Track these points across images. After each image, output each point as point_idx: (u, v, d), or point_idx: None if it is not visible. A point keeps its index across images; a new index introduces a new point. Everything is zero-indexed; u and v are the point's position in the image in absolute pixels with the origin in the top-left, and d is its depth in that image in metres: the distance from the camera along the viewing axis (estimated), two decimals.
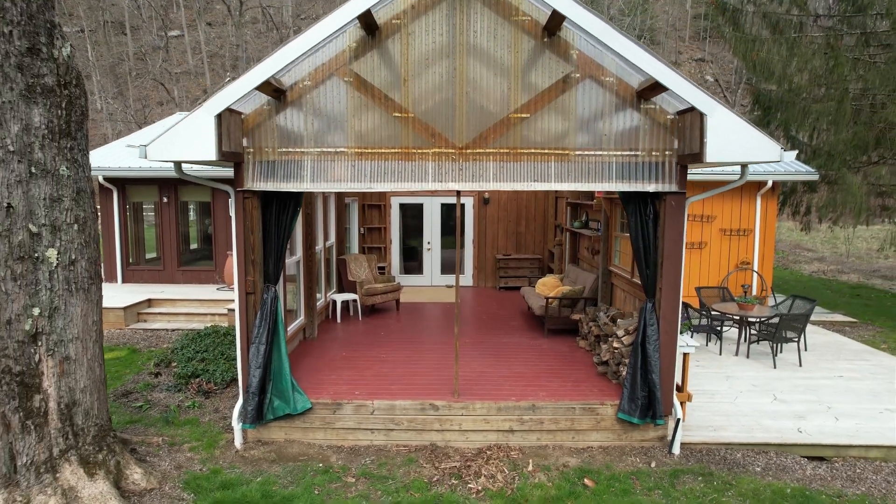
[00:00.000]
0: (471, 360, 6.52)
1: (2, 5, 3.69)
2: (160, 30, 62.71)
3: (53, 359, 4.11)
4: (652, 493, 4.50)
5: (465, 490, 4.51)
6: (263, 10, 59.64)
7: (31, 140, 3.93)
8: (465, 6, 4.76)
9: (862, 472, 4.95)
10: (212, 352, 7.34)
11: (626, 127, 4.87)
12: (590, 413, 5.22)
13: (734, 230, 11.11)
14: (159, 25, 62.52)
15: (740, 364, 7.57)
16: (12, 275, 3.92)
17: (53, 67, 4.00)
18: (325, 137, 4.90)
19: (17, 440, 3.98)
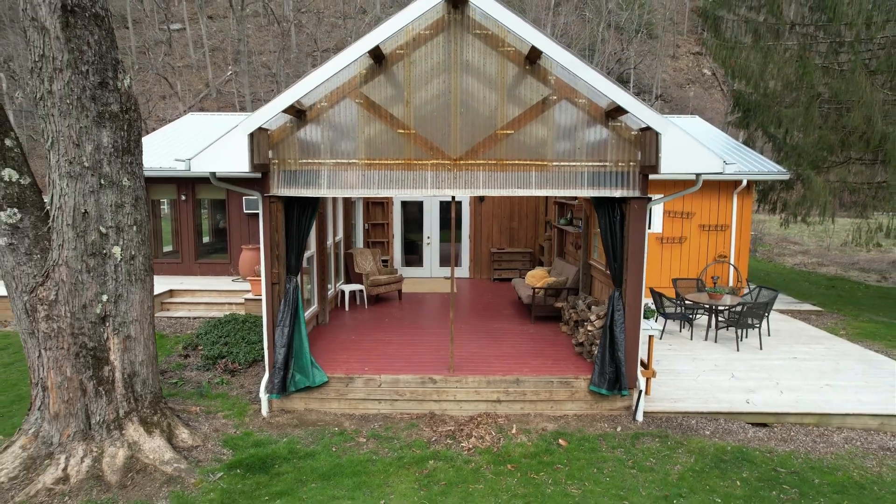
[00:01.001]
0: (465, 342, 7.39)
1: (80, 49, 4.53)
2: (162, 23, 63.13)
3: (118, 337, 4.98)
4: (615, 451, 5.38)
5: (458, 448, 5.40)
6: (265, 5, 60.06)
7: (101, 157, 4.77)
8: (458, 39, 5.58)
9: (795, 434, 5.84)
10: (233, 336, 8.22)
11: (597, 141, 5.71)
12: (566, 386, 6.10)
13: (712, 226, 11.97)
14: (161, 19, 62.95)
15: (708, 348, 8.45)
16: (87, 267, 4.78)
17: (118, 97, 4.83)
18: (339, 150, 5.74)
19: (91, 402, 4.86)
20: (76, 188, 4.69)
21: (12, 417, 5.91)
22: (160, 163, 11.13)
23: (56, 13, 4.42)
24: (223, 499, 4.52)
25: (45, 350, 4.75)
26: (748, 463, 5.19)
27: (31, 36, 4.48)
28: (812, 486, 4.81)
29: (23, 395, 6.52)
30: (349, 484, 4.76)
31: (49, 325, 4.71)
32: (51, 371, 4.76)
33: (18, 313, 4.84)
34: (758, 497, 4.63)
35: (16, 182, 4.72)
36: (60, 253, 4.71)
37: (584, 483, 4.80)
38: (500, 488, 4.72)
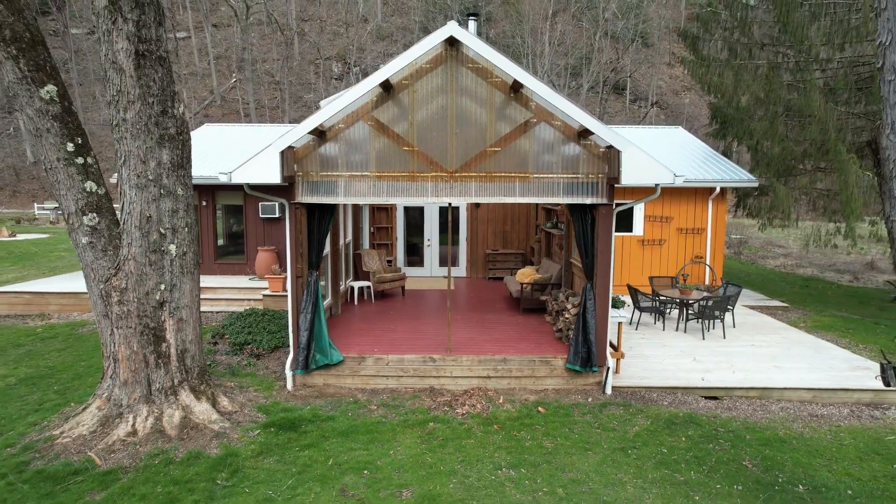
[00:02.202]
0: (461, 329, 8.46)
1: (148, 85, 5.61)
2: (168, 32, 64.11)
3: (173, 319, 6.05)
4: (585, 416, 6.44)
5: (453, 413, 6.46)
6: (268, 14, 61.26)
7: (161, 171, 5.85)
8: (454, 71, 6.67)
9: (739, 405, 6.89)
10: (256, 327, 9.29)
11: (571, 157, 6.79)
12: (546, 364, 7.17)
13: (689, 229, 13.06)
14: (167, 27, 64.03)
15: (677, 337, 9.50)
16: (149, 262, 5.85)
17: (175, 122, 5.92)
18: (353, 164, 6.82)
19: (152, 372, 5.92)
20: (142, 197, 5.77)
21: (76, 390, 6.98)
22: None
23: (131, 57, 5.51)
24: (262, 449, 5.57)
25: (117, 329, 5.82)
26: (695, 425, 6.25)
27: (111, 75, 5.57)
28: (743, 441, 5.87)
29: (80, 374, 7.59)
30: (364, 439, 5.82)
31: (120, 308, 5.78)
32: (121, 346, 5.83)
33: (95, 299, 5.91)
34: (697, 448, 5.69)
35: (95, 192, 5.81)
36: (129, 250, 5.79)
37: (557, 438, 5.86)
38: (487, 442, 5.78)
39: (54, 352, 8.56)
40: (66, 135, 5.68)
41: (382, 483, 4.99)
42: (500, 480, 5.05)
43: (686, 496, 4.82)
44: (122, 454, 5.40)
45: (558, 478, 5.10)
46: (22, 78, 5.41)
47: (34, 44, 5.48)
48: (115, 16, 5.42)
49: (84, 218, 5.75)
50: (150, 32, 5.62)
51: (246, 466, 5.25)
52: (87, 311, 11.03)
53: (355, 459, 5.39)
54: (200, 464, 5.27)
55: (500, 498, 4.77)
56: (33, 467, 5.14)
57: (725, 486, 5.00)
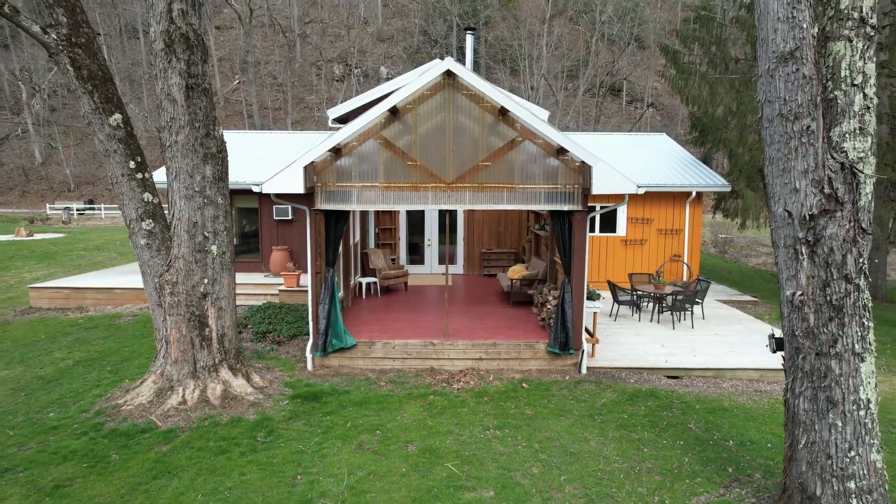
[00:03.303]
0: (457, 319, 9.60)
1: (195, 112, 6.75)
2: None
3: (214, 308, 7.20)
4: (561, 391, 7.58)
5: (450, 389, 7.61)
6: (271, 16, 62.29)
7: (204, 184, 6.99)
8: (451, 97, 7.80)
9: (695, 382, 8.04)
10: (275, 318, 10.44)
11: (550, 170, 7.93)
12: (530, 348, 8.31)
13: (668, 230, 14.21)
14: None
15: (651, 327, 10.65)
16: (195, 260, 6.99)
17: (215, 142, 7.06)
18: (364, 176, 7.95)
19: (197, 353, 7.07)
20: (189, 205, 6.91)
21: (127, 370, 8.12)
22: None
23: (182, 90, 6.65)
24: (291, 415, 6.72)
25: (169, 316, 6.97)
26: (654, 397, 7.40)
27: (165, 105, 6.71)
28: (693, 410, 7.02)
29: (126, 357, 8.74)
30: (375, 408, 6.96)
31: (171, 298, 6.93)
32: (172, 330, 6.98)
33: (150, 291, 7.06)
34: (653, 415, 6.84)
35: (150, 202, 6.95)
36: (179, 250, 6.94)
37: (536, 407, 7.01)
38: (478, 410, 6.93)
39: (99, 339, 9.70)
40: (129, 154, 6.82)
41: (392, 440, 6.14)
42: (488, 438, 6.21)
43: (637, 448, 5.98)
44: (177, 418, 6.55)
45: (535, 436, 6.25)
46: (95, 109, 6.55)
47: (105, 80, 6.62)
48: (170, 56, 6.56)
49: (142, 223, 6.89)
50: (198, 69, 6.76)
51: (279, 428, 6.40)
52: (119, 304, 12.18)
53: (369, 423, 6.54)
54: (241, 426, 6.42)
55: (487, 450, 5.92)
56: (108, 427, 6.29)
57: (671, 441, 6.15)
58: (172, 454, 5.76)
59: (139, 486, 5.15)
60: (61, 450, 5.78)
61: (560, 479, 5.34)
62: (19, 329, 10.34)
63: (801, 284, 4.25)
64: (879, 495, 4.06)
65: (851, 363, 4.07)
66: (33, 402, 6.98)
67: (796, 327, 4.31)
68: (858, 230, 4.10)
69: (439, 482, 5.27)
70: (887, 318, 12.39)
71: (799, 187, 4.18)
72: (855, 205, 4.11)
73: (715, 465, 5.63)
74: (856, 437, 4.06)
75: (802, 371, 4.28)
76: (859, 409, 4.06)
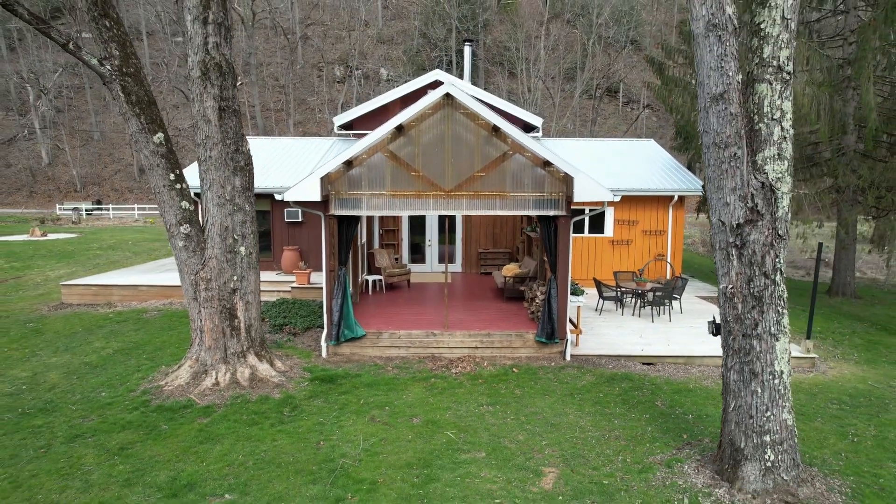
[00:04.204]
0: (456, 312, 10.62)
1: (226, 131, 7.76)
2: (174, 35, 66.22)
3: (242, 302, 8.21)
4: (547, 375, 8.61)
5: (449, 373, 8.63)
6: (273, 19, 63.18)
7: (234, 193, 8.00)
8: (450, 115, 8.81)
9: (667, 368, 9.07)
10: (290, 312, 11.46)
11: (538, 180, 8.94)
12: (520, 338, 9.34)
13: (653, 231, 15.23)
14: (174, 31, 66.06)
15: (632, 321, 11.67)
16: (226, 260, 8.00)
17: (244, 157, 8.07)
18: (373, 185, 8.96)
19: (228, 341, 8.09)
20: (221, 212, 7.93)
21: (161, 358, 9.14)
22: None
23: (215, 112, 7.66)
24: (311, 394, 7.74)
25: (203, 308, 7.99)
26: (628, 380, 8.43)
27: (201, 124, 7.72)
28: (661, 390, 8.05)
29: (159, 347, 9.75)
30: (384, 388, 7.99)
31: (206, 293, 7.94)
32: (206, 321, 8.00)
33: (186, 286, 8.07)
34: (626, 394, 7.86)
35: (187, 209, 7.97)
36: (212, 251, 7.95)
37: (524, 388, 8.04)
38: (473, 391, 7.95)
39: (131, 331, 10.72)
40: (169, 168, 7.84)
41: (399, 414, 7.16)
42: (481, 412, 7.23)
43: (609, 420, 7.01)
44: (212, 397, 7.57)
45: (522, 411, 7.27)
46: (142, 129, 7.56)
47: (150, 104, 7.64)
48: (205, 83, 7.57)
49: (180, 228, 7.91)
50: (229, 93, 7.78)
51: (301, 405, 7.42)
52: (144, 300, 13.19)
53: (378, 401, 7.57)
54: (269, 403, 7.45)
55: (481, 422, 6.95)
56: (154, 404, 7.31)
57: (638, 415, 7.18)
58: (212, 425, 6.78)
59: (189, 449, 6.17)
60: (118, 421, 6.81)
61: (541, 444, 6.37)
62: (57, 322, 11.36)
63: (732, 279, 5.27)
64: (789, 446, 5.09)
65: (769, 342, 5.10)
66: (85, 384, 8.01)
67: (728, 314, 5.34)
68: (775, 236, 5.12)
69: (440, 446, 6.30)
70: (852, 312, 13.42)
71: (729, 202, 5.20)
72: (773, 215, 5.13)
73: (673, 433, 6.66)
74: (771, 400, 5.09)
75: (732, 349, 5.31)
76: (774, 379, 5.09)
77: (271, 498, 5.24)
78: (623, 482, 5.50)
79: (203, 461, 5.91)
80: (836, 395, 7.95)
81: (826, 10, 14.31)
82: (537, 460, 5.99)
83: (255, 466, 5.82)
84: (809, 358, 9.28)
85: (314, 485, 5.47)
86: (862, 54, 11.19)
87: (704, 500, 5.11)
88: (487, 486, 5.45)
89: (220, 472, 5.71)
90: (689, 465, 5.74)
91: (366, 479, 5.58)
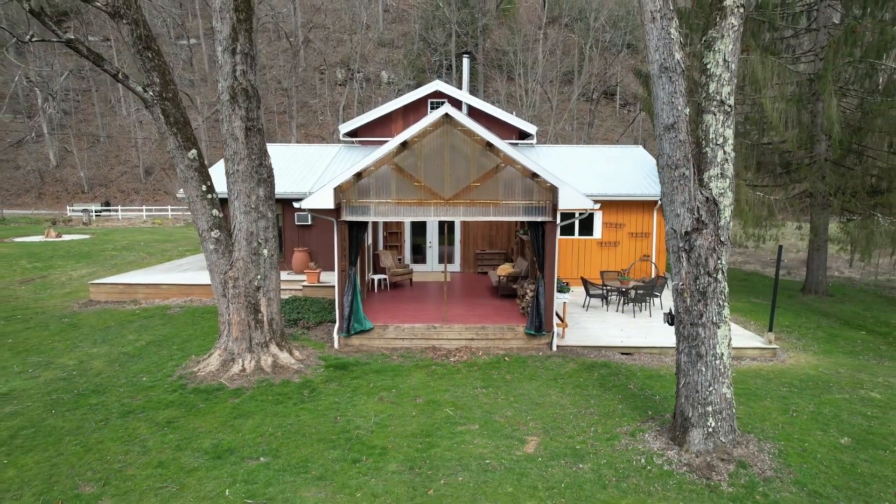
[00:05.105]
0: (454, 308, 11.69)
1: (251, 147, 8.82)
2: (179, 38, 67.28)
3: (265, 298, 9.28)
4: (535, 363, 9.68)
5: (448, 361, 9.70)
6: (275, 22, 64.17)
7: (258, 202, 9.06)
8: (448, 131, 9.87)
9: (643, 357, 10.14)
10: (302, 308, 12.53)
11: (527, 189, 10.00)
12: (511, 331, 10.41)
13: (638, 233, 16.30)
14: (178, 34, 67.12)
15: (615, 316, 12.74)
16: (251, 261, 9.07)
17: (266, 169, 9.13)
18: (380, 194, 10.03)
19: (252, 332, 9.16)
20: (247, 219, 8.99)
21: (190, 349, 10.21)
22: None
23: (242, 130, 8.73)
24: (327, 379, 8.81)
25: (231, 304, 9.06)
26: (606, 367, 9.50)
27: (229, 142, 8.78)
28: (635, 376, 9.12)
29: (187, 339, 10.82)
30: (390, 374, 9.06)
31: (234, 290, 9.01)
32: (234, 315, 9.07)
33: (216, 285, 9.14)
34: (603, 379, 8.94)
35: (217, 216, 9.04)
36: (239, 253, 9.02)
37: (514, 374, 9.11)
38: (469, 376, 9.02)
39: (159, 326, 11.80)
40: (202, 180, 8.91)
41: (404, 395, 8.23)
42: (476, 394, 8.30)
43: (586, 400, 8.08)
44: (240, 381, 8.64)
45: (511, 393, 8.35)
46: (178, 146, 8.64)
47: (185, 124, 8.71)
48: (234, 105, 8.64)
49: (211, 233, 8.98)
50: (254, 114, 8.85)
51: (319, 388, 8.49)
52: (166, 297, 14.27)
53: (386, 385, 8.64)
54: (290, 386, 8.52)
55: (475, 401, 8.02)
56: (190, 387, 8.39)
57: (612, 396, 8.25)
58: (243, 404, 7.85)
59: (226, 423, 7.24)
60: (162, 401, 7.89)
61: (526, 419, 7.44)
62: (90, 318, 12.43)
63: (682, 277, 6.34)
64: (727, 415, 6.17)
65: (712, 330, 6.17)
66: (127, 370, 9.08)
67: (679, 307, 6.41)
68: (718, 242, 6.19)
69: (440, 420, 7.37)
70: (822, 309, 14.50)
71: (679, 213, 6.27)
72: (716, 225, 6.20)
73: (641, 410, 7.74)
74: (714, 377, 6.16)
75: (682, 336, 6.38)
76: (716, 360, 6.16)
77: (299, 460, 6.32)
78: (593, 447, 6.58)
79: (239, 432, 6.99)
80: (788, 380, 9.03)
81: (800, 28, 15.38)
82: (522, 431, 7.06)
83: (283, 436, 6.89)
84: (771, 348, 10.35)
85: (334, 450, 6.54)
86: (824, 73, 12.25)
87: (658, 459, 6.19)
88: (479, 451, 6.52)
89: (254, 440, 6.78)
90: (649, 434, 6.81)
91: (377, 445, 6.65)
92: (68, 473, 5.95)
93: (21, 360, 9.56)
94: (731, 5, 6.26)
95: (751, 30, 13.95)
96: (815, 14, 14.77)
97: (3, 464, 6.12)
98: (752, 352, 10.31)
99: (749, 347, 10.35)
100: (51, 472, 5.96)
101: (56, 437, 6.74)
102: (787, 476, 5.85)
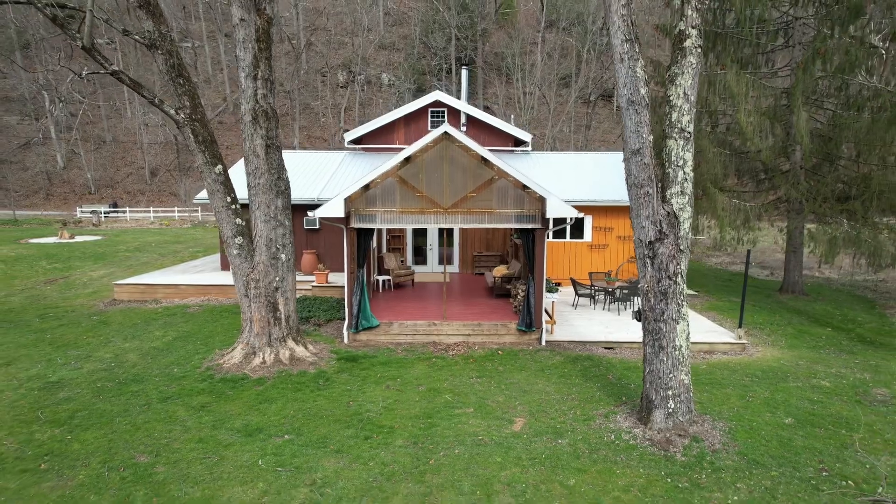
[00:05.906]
0: (453, 306, 12.74)
1: (270, 162, 9.86)
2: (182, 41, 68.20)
3: (283, 298, 10.33)
4: (525, 356, 10.72)
5: (447, 354, 10.75)
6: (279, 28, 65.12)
7: (276, 212, 10.10)
8: (447, 147, 10.91)
9: (624, 352, 11.18)
10: (313, 307, 13.58)
11: (519, 199, 11.04)
12: (505, 327, 11.46)
13: (626, 236, 17.34)
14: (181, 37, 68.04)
15: (601, 314, 13.79)
16: (271, 265, 10.11)
17: (284, 182, 10.17)
18: (385, 203, 11.07)
19: (272, 329, 10.20)
20: (267, 227, 10.04)
21: (213, 344, 11.25)
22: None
23: (263, 148, 9.77)
24: (339, 370, 9.86)
25: (252, 303, 10.10)
26: (589, 360, 10.55)
27: (251, 158, 9.82)
28: (615, 367, 10.17)
29: (209, 335, 11.87)
30: (395, 366, 10.11)
31: (255, 291, 10.06)
32: (255, 313, 10.12)
33: (239, 286, 10.19)
34: (586, 370, 9.99)
35: (240, 224, 10.09)
36: (260, 257, 10.06)
37: (506, 366, 10.16)
38: (466, 368, 10.07)
39: (182, 323, 12.85)
40: (227, 192, 9.96)
41: (408, 384, 9.28)
42: (472, 383, 9.35)
43: (569, 388, 9.13)
44: (261, 372, 9.69)
45: (503, 382, 9.40)
46: (206, 162, 9.68)
47: (212, 142, 9.76)
48: (255, 126, 9.69)
49: (235, 239, 10.03)
50: (273, 133, 9.89)
51: (332, 377, 9.54)
52: (185, 297, 15.31)
53: (391, 374, 9.69)
54: (306, 376, 9.57)
55: (471, 389, 9.07)
56: (217, 377, 9.44)
57: (592, 384, 9.30)
58: (266, 391, 8.91)
59: (252, 407, 8.30)
60: (194, 388, 8.94)
61: (515, 404, 8.49)
62: (117, 316, 13.49)
63: (647, 280, 7.39)
64: (685, 398, 7.22)
65: (671, 325, 7.22)
66: (159, 362, 10.13)
67: (645, 305, 7.46)
68: (677, 250, 7.24)
69: (439, 405, 8.42)
70: (796, 307, 15.53)
71: (645, 225, 7.32)
72: (676, 235, 7.24)
73: (616, 396, 8.79)
74: (673, 366, 7.21)
75: (647, 330, 7.43)
76: (675, 351, 7.21)
77: (319, 437, 7.37)
78: (571, 426, 7.64)
79: (264, 414, 8.04)
80: (752, 371, 10.08)
81: (778, 45, 16.40)
82: (511, 414, 8.12)
83: (303, 418, 7.94)
84: (741, 343, 11.40)
85: (348, 429, 7.60)
86: (794, 89, 13.29)
87: (625, 436, 7.24)
88: (473, 430, 7.57)
89: (279, 421, 7.84)
90: (620, 416, 7.87)
91: (385, 425, 7.71)
92: (124, 447, 7.01)
93: (63, 353, 10.61)
94: (690, 46, 7.30)
95: (728, 46, 14.97)
96: (791, 31, 15.79)
97: (67, 439, 7.18)
98: (723, 346, 11.36)
99: (720, 342, 11.40)
100: (109, 446, 7.02)
101: (107, 419, 7.80)
102: (733, 448, 6.90)
